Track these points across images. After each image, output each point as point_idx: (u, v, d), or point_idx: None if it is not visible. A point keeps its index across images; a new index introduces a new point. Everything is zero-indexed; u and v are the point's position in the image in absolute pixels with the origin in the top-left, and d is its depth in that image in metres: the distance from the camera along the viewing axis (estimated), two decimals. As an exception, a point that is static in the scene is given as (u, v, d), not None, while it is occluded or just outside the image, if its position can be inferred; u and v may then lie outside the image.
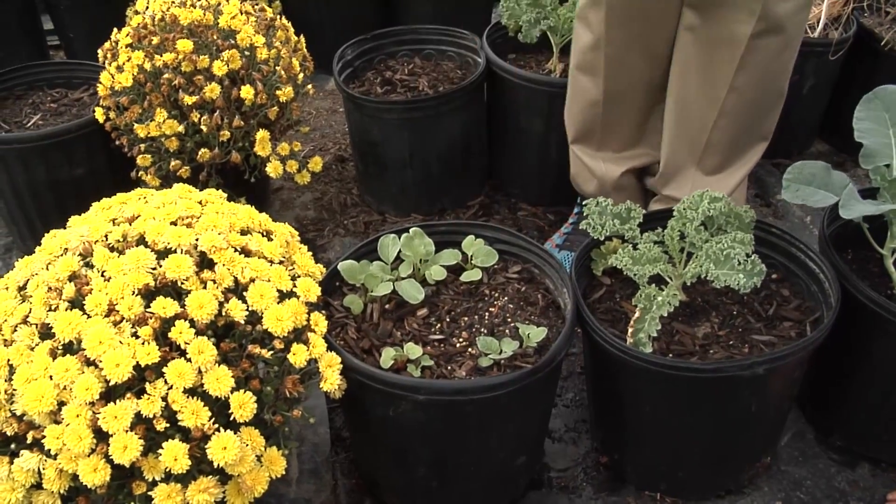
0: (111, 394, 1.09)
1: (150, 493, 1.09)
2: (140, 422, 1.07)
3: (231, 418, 1.12)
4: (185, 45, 1.75)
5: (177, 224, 1.25)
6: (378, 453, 1.44)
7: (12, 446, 1.12)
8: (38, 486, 1.11)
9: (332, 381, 1.24)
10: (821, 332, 1.33)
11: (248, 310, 1.18)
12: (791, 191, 1.49)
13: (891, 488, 1.51)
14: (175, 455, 1.06)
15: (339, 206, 2.30)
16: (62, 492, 1.10)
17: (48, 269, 1.22)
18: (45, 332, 1.15)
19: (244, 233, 1.31)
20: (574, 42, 1.81)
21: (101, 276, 1.17)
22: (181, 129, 1.78)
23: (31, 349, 1.13)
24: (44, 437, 1.07)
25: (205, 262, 1.22)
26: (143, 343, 1.10)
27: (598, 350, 1.39)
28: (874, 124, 1.48)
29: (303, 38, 2.05)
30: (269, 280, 1.22)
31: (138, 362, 1.08)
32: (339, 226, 2.24)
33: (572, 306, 1.38)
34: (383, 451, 1.42)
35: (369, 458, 1.48)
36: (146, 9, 1.91)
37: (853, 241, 1.53)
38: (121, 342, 1.09)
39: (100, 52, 1.93)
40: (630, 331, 1.35)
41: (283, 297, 1.24)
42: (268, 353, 1.18)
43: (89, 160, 1.97)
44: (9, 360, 1.13)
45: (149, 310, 1.13)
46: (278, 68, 1.87)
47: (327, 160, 2.47)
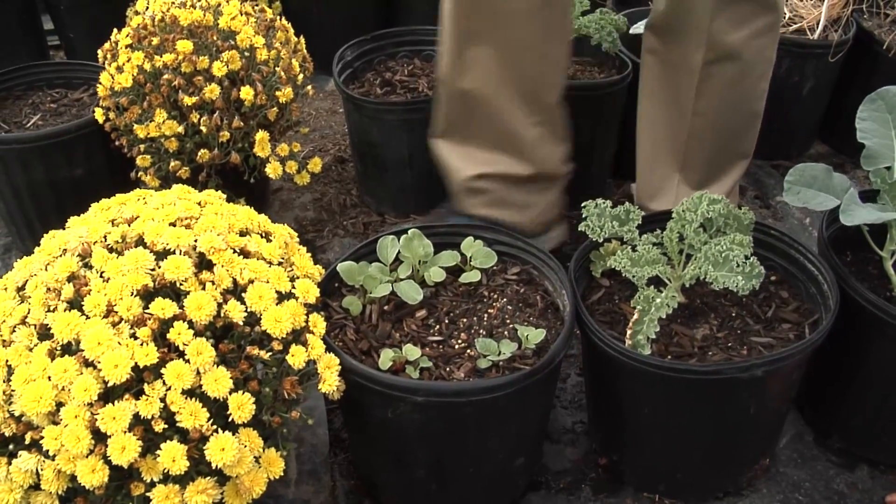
0: (110, 395, 1.09)
1: (148, 494, 1.09)
2: (138, 423, 1.07)
3: (229, 419, 1.11)
4: (185, 45, 1.75)
5: (176, 225, 1.26)
6: (376, 455, 1.44)
7: (10, 447, 1.12)
8: (36, 487, 1.11)
9: (330, 382, 1.24)
10: (819, 335, 1.33)
11: (246, 311, 1.18)
12: (792, 193, 1.49)
13: (889, 490, 1.51)
14: (173, 456, 1.06)
15: (338, 206, 2.30)
16: (60, 493, 1.10)
17: (47, 269, 1.21)
18: (44, 333, 1.15)
19: (243, 234, 1.31)
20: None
21: (100, 276, 1.17)
22: (181, 129, 1.78)
23: (30, 350, 1.13)
24: (42, 437, 1.07)
25: (203, 264, 1.22)
26: (141, 344, 1.10)
27: (596, 352, 1.39)
28: (877, 125, 1.48)
29: (303, 39, 2.05)
30: (268, 281, 1.23)
31: (137, 363, 1.08)
32: (338, 227, 2.23)
33: (571, 308, 1.38)
34: (382, 453, 1.42)
35: (368, 460, 1.48)
36: (146, 9, 1.91)
37: (852, 243, 1.53)
38: (119, 343, 1.09)
39: (99, 52, 1.93)
40: (629, 332, 1.35)
41: (282, 298, 1.24)
42: (266, 355, 1.18)
43: (89, 161, 1.97)
44: (7, 361, 1.13)
45: (147, 311, 1.13)
46: (278, 69, 1.87)
47: (327, 161, 2.47)
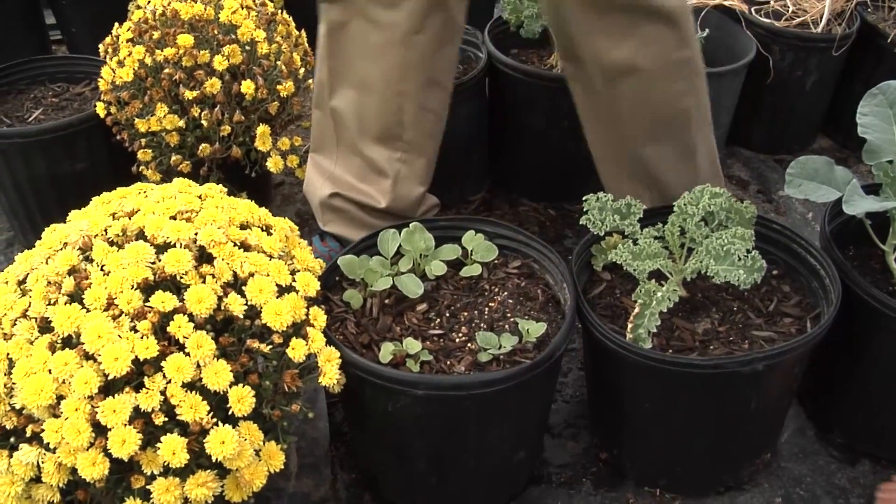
0: (110, 388, 1.09)
1: (148, 486, 1.09)
2: (139, 416, 1.07)
3: (229, 413, 1.12)
4: (186, 39, 1.75)
5: (176, 218, 1.25)
6: (377, 448, 1.44)
7: (12, 440, 1.12)
8: (37, 480, 1.11)
9: (330, 375, 1.24)
10: (821, 329, 1.33)
11: (247, 304, 1.18)
12: (794, 186, 1.49)
13: (891, 485, 1.51)
14: (173, 449, 1.06)
15: (340, 201, 2.29)
16: (61, 485, 1.10)
17: (48, 263, 1.21)
18: (45, 326, 1.15)
19: (244, 227, 1.31)
20: None
21: (101, 270, 1.17)
22: (182, 123, 1.78)
23: (31, 343, 1.13)
24: (43, 430, 1.07)
25: (204, 257, 1.22)
26: (141, 337, 1.10)
27: (597, 345, 1.39)
28: (878, 119, 1.48)
29: (304, 33, 2.05)
30: (269, 275, 1.22)
31: (137, 356, 1.08)
32: (340, 221, 2.23)
33: (572, 302, 1.38)
34: (382, 446, 1.42)
35: (368, 453, 1.48)
36: (147, 3, 1.91)
37: (855, 237, 1.53)
38: (119, 336, 1.09)
39: (101, 46, 1.93)
40: (629, 326, 1.35)
41: (283, 291, 1.24)
42: (266, 348, 1.18)
43: (90, 155, 1.97)
44: (8, 354, 1.13)
45: (147, 304, 1.13)
46: (279, 63, 1.87)
47: (329, 155, 2.46)
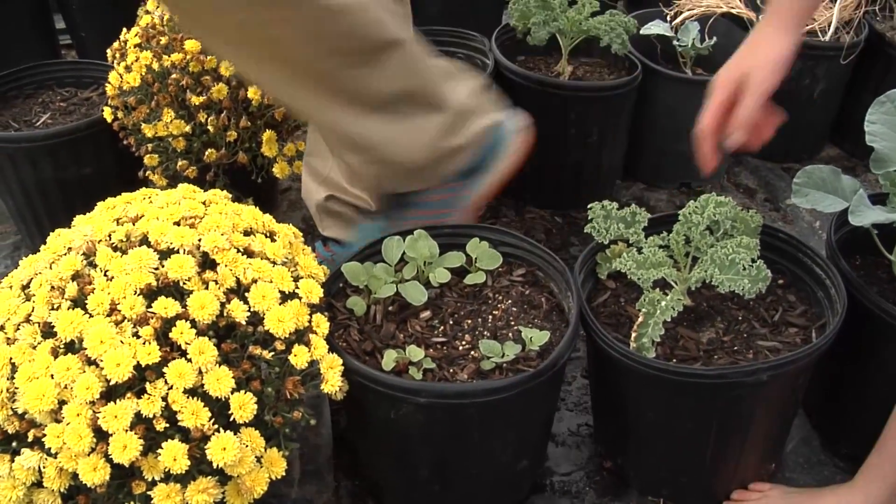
0: (112, 393, 1.09)
1: (149, 492, 1.09)
2: (140, 421, 1.07)
3: (231, 419, 1.12)
4: (193, 45, 1.76)
5: (180, 224, 1.26)
6: (380, 455, 1.44)
7: (13, 444, 1.12)
8: (38, 485, 1.11)
9: (333, 382, 1.23)
10: (826, 339, 1.32)
11: (249, 311, 1.18)
12: (801, 195, 1.49)
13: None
14: (174, 455, 1.06)
15: (346, 206, 2.30)
16: (62, 490, 1.10)
17: (51, 268, 1.22)
18: (48, 331, 1.15)
19: (247, 233, 1.31)
20: None
21: (104, 275, 1.17)
22: (188, 129, 1.78)
23: (34, 348, 1.13)
24: (44, 435, 1.08)
25: (207, 263, 1.22)
26: (143, 343, 1.10)
27: (601, 354, 1.38)
28: (886, 128, 1.47)
29: (311, 39, 2.05)
30: (272, 281, 1.22)
31: (139, 362, 1.08)
32: (346, 227, 2.23)
33: (576, 310, 1.38)
34: (385, 454, 1.42)
35: (371, 460, 1.48)
36: (156, 8, 1.92)
37: (861, 246, 1.52)
38: (122, 342, 1.10)
39: (109, 51, 1.94)
40: (633, 335, 1.35)
41: (286, 298, 1.24)
42: (269, 355, 1.18)
43: (97, 159, 1.97)
44: (11, 359, 1.13)
45: (150, 309, 1.13)
46: (286, 69, 1.87)
47: (336, 161, 2.46)
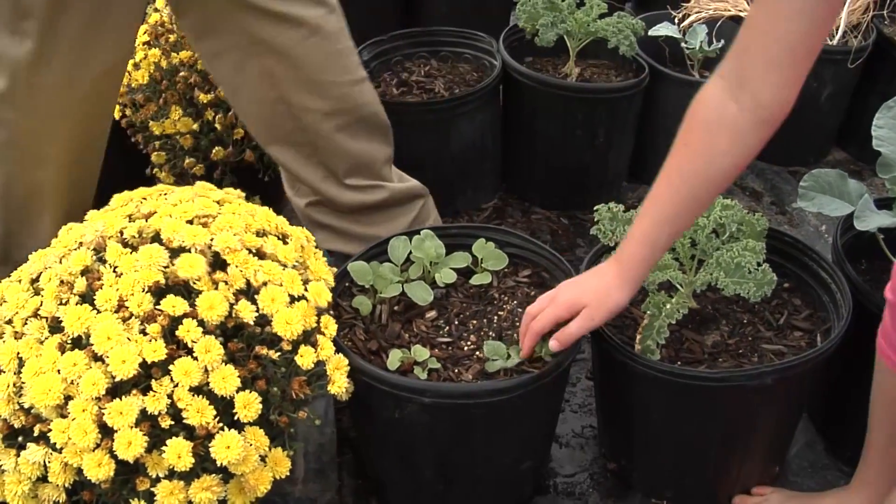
0: (118, 390, 1.09)
1: (153, 489, 1.09)
2: (145, 418, 1.08)
3: (236, 418, 1.12)
4: (202, 43, 1.76)
5: (193, 223, 1.25)
6: (384, 455, 1.44)
7: (19, 439, 1.13)
8: (43, 479, 1.12)
9: (339, 383, 1.24)
10: (831, 343, 1.32)
11: (257, 312, 1.18)
12: (807, 199, 1.49)
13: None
14: (178, 452, 1.07)
15: (352, 206, 2.30)
16: (67, 485, 1.10)
17: (61, 262, 1.22)
18: (55, 326, 1.15)
19: (260, 234, 1.30)
20: None
21: (113, 271, 1.17)
22: (196, 126, 1.79)
23: (41, 342, 1.14)
24: (50, 430, 1.08)
25: (218, 263, 1.21)
26: (150, 340, 1.10)
27: (606, 356, 1.38)
28: (893, 132, 1.47)
29: (320, 39, 2.05)
30: (282, 284, 1.22)
31: (145, 359, 1.08)
32: (352, 226, 2.23)
33: (581, 311, 1.38)
34: (389, 453, 1.42)
35: (375, 460, 1.48)
36: (164, 7, 1.92)
37: (867, 250, 1.52)
38: (129, 339, 1.10)
39: (118, 49, 1.94)
40: (638, 338, 1.35)
41: (294, 300, 1.23)
42: (275, 355, 1.18)
43: (106, 156, 1.97)
44: (19, 353, 1.14)
45: (158, 307, 1.13)
46: (294, 68, 1.87)
47: (342, 160, 2.46)
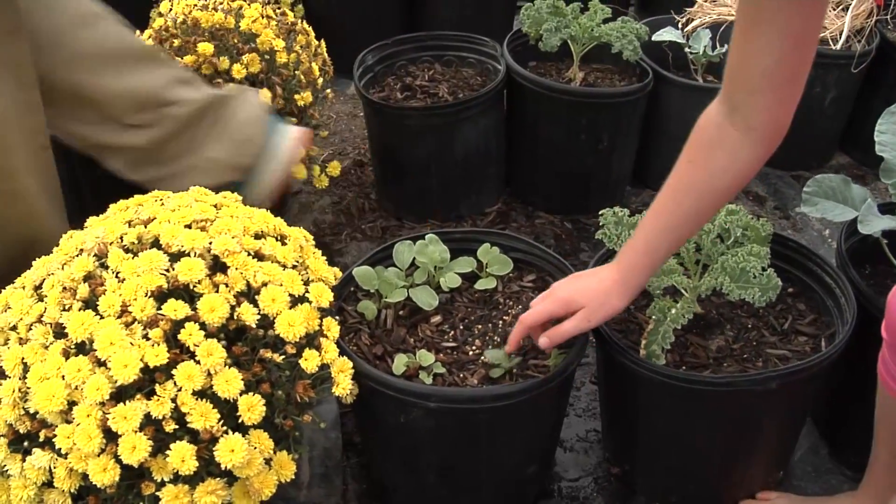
0: (122, 395, 1.09)
1: (158, 493, 1.09)
2: (149, 423, 1.08)
3: (240, 421, 1.12)
4: (206, 47, 1.77)
5: (191, 227, 1.26)
6: (388, 459, 1.44)
7: (25, 444, 1.13)
8: (49, 485, 1.12)
9: (343, 386, 1.24)
10: (836, 348, 1.32)
11: (259, 314, 1.19)
12: (810, 204, 1.49)
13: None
14: (183, 456, 1.06)
15: (356, 210, 2.31)
16: (73, 491, 1.10)
17: (64, 269, 1.22)
18: (59, 332, 1.15)
19: (258, 237, 1.31)
20: None
21: (115, 277, 1.18)
22: (199, 130, 1.79)
23: (45, 348, 1.14)
24: (55, 435, 1.08)
25: (218, 266, 1.22)
26: (153, 345, 1.10)
27: (610, 361, 1.38)
28: (896, 138, 1.47)
29: (323, 43, 2.06)
30: (282, 285, 1.22)
31: (147, 364, 1.08)
32: (356, 230, 2.24)
33: (585, 316, 1.38)
34: (394, 458, 1.42)
35: (380, 464, 1.48)
36: (169, 11, 1.93)
37: (871, 255, 1.51)
38: (132, 343, 1.10)
39: (122, 53, 1.95)
40: (643, 342, 1.35)
41: (296, 301, 1.24)
42: (279, 358, 1.18)
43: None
44: (23, 359, 1.14)
45: (160, 312, 1.13)
46: (298, 73, 1.88)
47: (346, 164, 2.47)
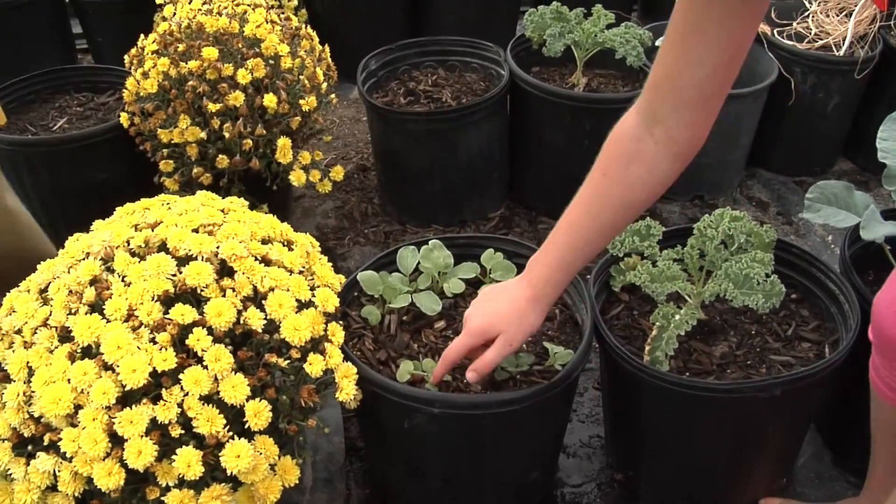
0: (128, 399, 1.09)
1: (163, 498, 1.09)
2: (155, 427, 1.08)
3: (245, 426, 1.12)
4: (211, 52, 1.77)
5: (198, 231, 1.26)
6: (392, 464, 1.44)
7: (29, 448, 1.13)
8: (53, 489, 1.12)
9: (347, 391, 1.24)
10: (839, 354, 1.32)
11: (266, 319, 1.19)
12: (813, 210, 1.49)
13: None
14: (188, 461, 1.07)
15: (360, 215, 2.31)
16: (77, 495, 1.10)
17: (70, 272, 1.22)
18: (65, 336, 1.15)
19: (265, 242, 1.31)
20: None
21: (122, 281, 1.18)
22: (203, 135, 1.79)
23: (51, 352, 1.14)
24: (60, 439, 1.08)
25: (225, 270, 1.22)
26: (160, 349, 1.10)
27: (614, 367, 1.38)
28: (899, 144, 1.47)
29: (327, 48, 2.06)
30: (289, 290, 1.23)
31: (155, 368, 1.08)
32: (359, 235, 2.24)
33: (590, 322, 1.38)
34: (397, 463, 1.42)
35: (383, 469, 1.48)
36: (173, 16, 1.93)
37: (874, 261, 1.52)
38: (138, 347, 1.10)
39: (126, 57, 1.95)
40: (647, 348, 1.35)
41: (302, 306, 1.24)
42: (284, 363, 1.18)
43: (113, 164, 1.99)
44: (28, 363, 1.14)
45: (167, 316, 1.13)
46: (302, 77, 1.88)
47: (349, 169, 2.48)
